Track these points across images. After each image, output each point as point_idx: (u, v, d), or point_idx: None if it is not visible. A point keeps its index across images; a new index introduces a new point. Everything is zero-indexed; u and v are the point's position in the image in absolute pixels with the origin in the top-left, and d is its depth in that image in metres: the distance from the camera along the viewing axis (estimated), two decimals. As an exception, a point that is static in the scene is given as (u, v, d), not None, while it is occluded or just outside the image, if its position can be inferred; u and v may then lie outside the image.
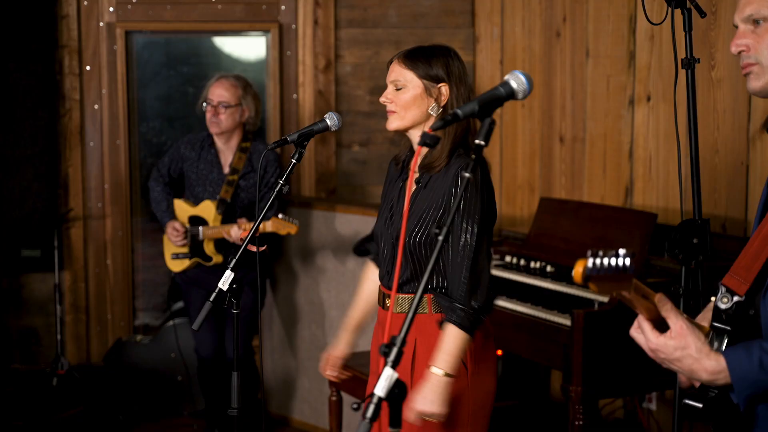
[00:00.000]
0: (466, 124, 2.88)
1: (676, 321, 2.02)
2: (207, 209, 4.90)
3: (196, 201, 4.96)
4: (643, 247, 4.05)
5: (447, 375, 2.72)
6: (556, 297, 4.13)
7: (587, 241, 4.32)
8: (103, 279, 5.81)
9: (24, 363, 5.76)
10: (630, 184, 4.74)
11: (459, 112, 2.04)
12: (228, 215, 4.87)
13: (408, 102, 2.89)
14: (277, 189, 3.05)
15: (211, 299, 3.04)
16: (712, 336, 2.10)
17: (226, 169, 4.94)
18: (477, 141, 2.01)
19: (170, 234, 4.93)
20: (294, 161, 3.04)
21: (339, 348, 3.22)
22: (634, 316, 2.10)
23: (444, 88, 2.89)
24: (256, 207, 3.11)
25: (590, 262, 1.82)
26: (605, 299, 3.84)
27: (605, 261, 1.83)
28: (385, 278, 3.01)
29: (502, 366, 4.85)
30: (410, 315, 1.91)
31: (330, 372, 3.23)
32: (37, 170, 5.56)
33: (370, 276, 3.24)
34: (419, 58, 2.90)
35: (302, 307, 5.27)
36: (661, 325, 2.06)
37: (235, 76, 4.95)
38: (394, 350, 1.87)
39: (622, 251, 1.84)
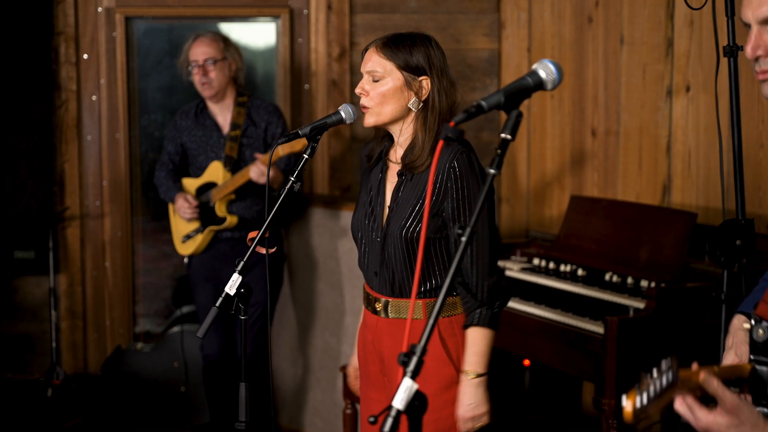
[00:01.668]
0: (448, 116, 2.89)
1: (725, 396, 2.01)
2: (214, 170, 4.98)
3: (201, 172, 5.02)
4: (682, 249, 4.04)
5: (478, 375, 2.84)
6: (587, 303, 4.12)
7: (621, 242, 4.31)
8: (101, 282, 5.83)
9: (17, 372, 5.78)
10: (668, 181, 4.73)
11: (484, 104, 2.05)
12: (237, 172, 4.93)
13: (386, 95, 2.88)
14: (288, 186, 3.05)
15: (217, 304, 3.04)
16: (753, 372, 2.11)
17: (225, 130, 5.02)
18: (503, 135, 2.02)
19: (180, 206, 4.97)
20: (306, 157, 3.04)
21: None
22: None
23: (425, 82, 2.88)
24: (266, 207, 3.11)
25: (639, 400, 1.85)
26: (641, 305, 3.84)
27: (652, 389, 1.86)
28: (373, 280, 3.01)
29: (530, 377, 4.85)
30: (431, 322, 1.92)
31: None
32: (31, 166, 5.59)
33: None
34: (399, 48, 2.89)
35: (315, 313, 5.29)
36: (705, 397, 2.06)
37: (210, 32, 5.04)
38: (414, 359, 1.88)
39: (664, 364, 1.86)
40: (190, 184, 5.10)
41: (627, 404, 1.87)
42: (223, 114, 5.06)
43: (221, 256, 5.02)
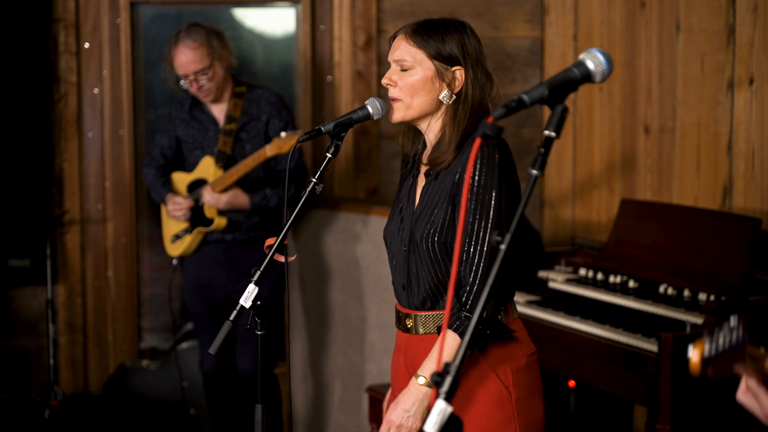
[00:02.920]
0: (480, 110, 2.89)
1: None
2: (205, 167, 5.03)
3: (194, 168, 5.07)
4: (745, 259, 4.02)
5: (430, 385, 2.79)
6: (639, 318, 4.11)
7: (677, 251, 4.30)
8: (103, 294, 5.86)
9: (11, 392, 5.81)
10: (729, 183, 4.72)
11: (525, 97, 2.05)
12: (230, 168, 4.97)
13: (415, 86, 2.89)
14: (309, 188, 3.06)
15: (231, 318, 3.05)
16: None
17: (222, 123, 5.06)
18: (547, 132, 2.02)
19: (172, 210, 5.03)
20: (329, 156, 3.06)
21: None
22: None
23: (459, 72, 2.89)
24: (284, 211, 3.13)
25: (707, 347, 1.86)
26: (699, 321, 3.83)
27: (721, 340, 1.87)
28: (402, 294, 3.01)
29: (576, 399, 4.84)
30: (467, 338, 1.92)
31: None
32: (26, 165, 5.62)
33: None
34: (430, 35, 2.89)
35: (336, 328, 5.29)
36: None
37: (191, 35, 4.92)
38: (448, 379, 1.88)
39: (732, 320, 1.87)
40: (181, 179, 5.14)
41: (694, 354, 1.87)
42: (219, 106, 5.08)
43: (210, 259, 5.08)
